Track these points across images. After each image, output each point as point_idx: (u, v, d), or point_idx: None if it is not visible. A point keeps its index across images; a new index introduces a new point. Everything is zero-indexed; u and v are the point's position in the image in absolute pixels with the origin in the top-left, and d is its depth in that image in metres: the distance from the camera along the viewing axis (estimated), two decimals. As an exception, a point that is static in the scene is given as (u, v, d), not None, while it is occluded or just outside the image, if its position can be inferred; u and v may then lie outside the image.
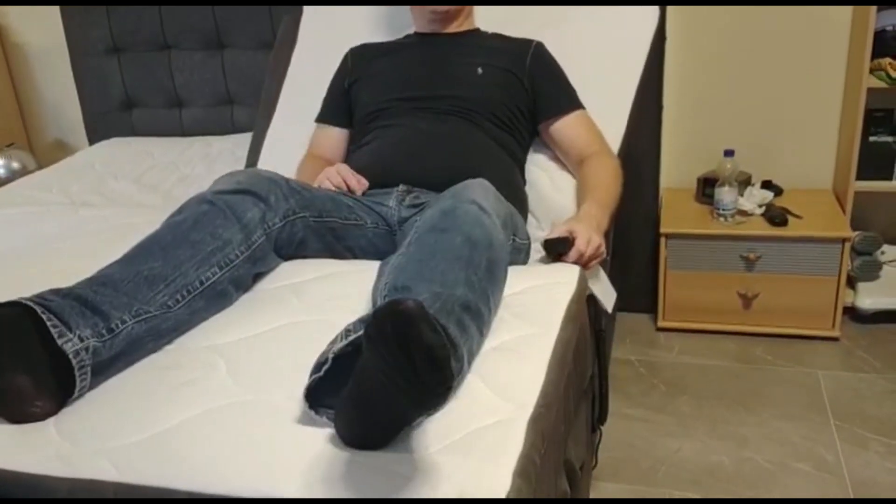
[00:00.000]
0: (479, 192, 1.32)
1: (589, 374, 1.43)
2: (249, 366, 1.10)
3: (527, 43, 1.85)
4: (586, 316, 1.40)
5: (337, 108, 1.92)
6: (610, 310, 1.59)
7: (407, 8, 1.97)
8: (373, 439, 0.92)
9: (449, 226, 1.21)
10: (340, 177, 1.65)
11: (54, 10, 2.74)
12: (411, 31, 1.96)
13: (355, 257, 1.55)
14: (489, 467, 0.88)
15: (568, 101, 1.80)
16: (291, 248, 1.44)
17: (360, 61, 1.91)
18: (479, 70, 1.78)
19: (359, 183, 1.66)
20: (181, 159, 2.54)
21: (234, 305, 1.28)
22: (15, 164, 2.92)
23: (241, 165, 2.38)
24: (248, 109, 2.69)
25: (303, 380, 1.02)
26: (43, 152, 3.10)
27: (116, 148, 2.68)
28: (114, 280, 1.15)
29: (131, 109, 2.79)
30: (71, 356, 1.02)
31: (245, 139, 2.66)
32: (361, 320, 0.99)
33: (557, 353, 1.13)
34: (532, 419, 0.97)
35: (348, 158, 1.84)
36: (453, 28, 1.87)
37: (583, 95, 1.82)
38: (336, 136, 1.92)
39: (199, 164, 2.48)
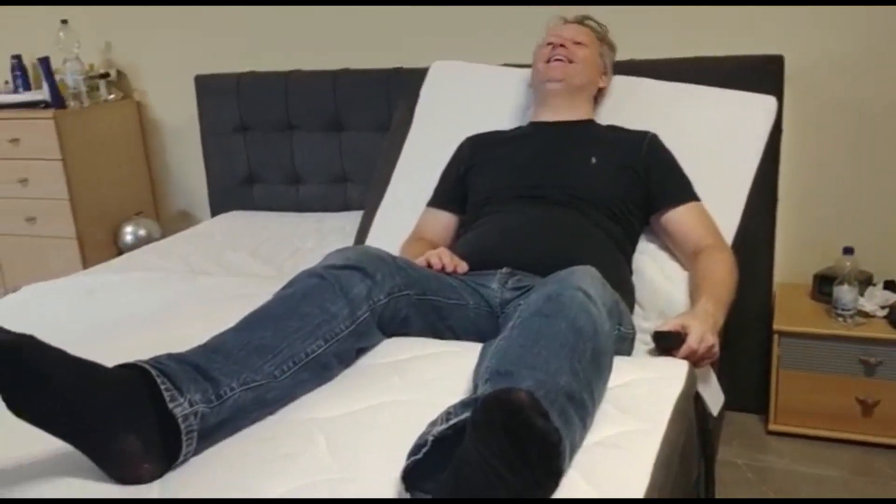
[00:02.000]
0: (585, 278, 1.30)
1: (694, 476, 1.37)
2: (348, 442, 1.10)
3: (642, 135, 1.85)
4: (693, 415, 1.34)
5: (450, 194, 1.96)
6: (716, 413, 1.52)
7: (521, 95, 2.02)
8: (469, 527, 0.89)
9: (554, 311, 1.19)
10: (440, 259, 1.66)
11: (190, 92, 2.94)
12: (525, 122, 2.00)
13: (456, 337, 1.55)
14: (588, 569, 0.84)
15: (683, 192, 1.78)
16: (394, 326, 1.46)
17: (476, 149, 1.96)
18: (594, 160, 1.79)
19: (457, 267, 1.67)
20: (295, 234, 2.63)
21: (337, 379, 1.30)
22: (142, 232, 3.10)
23: (350, 242, 2.44)
24: (361, 188, 2.78)
25: (400, 460, 1.01)
26: (167, 222, 3.28)
27: (236, 220, 2.81)
28: (226, 348, 1.19)
29: (253, 184, 2.93)
30: (180, 420, 1.05)
31: (356, 216, 2.74)
32: (464, 404, 0.99)
33: (664, 454, 1.08)
34: (635, 522, 0.93)
35: (457, 242, 1.86)
36: (570, 115, 1.89)
37: (697, 186, 1.80)
38: (444, 221, 1.96)
39: (311, 239, 2.56)
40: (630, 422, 1.14)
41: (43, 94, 2.95)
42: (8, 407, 0.99)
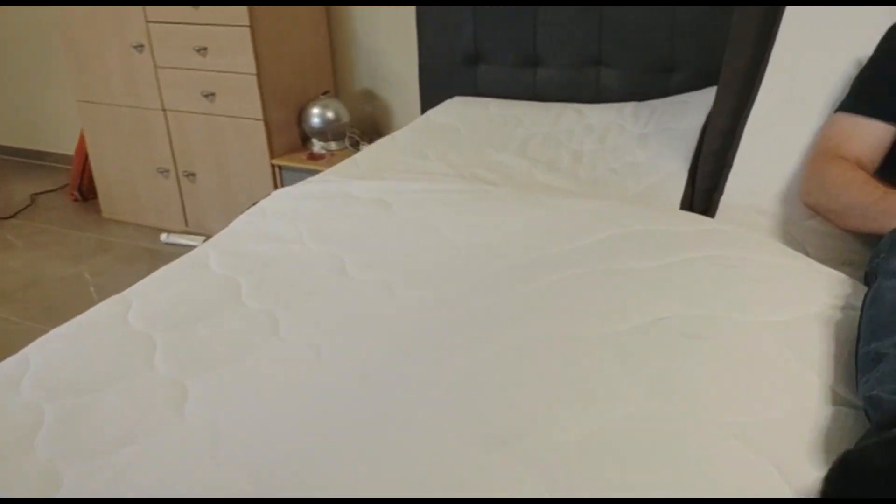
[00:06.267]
0: None
1: None
2: None
3: None
4: None
5: (886, 97, 1.50)
6: None
7: None
8: None
9: None
10: None
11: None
12: None
13: None
14: None
15: None
16: None
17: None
18: None
19: None
20: (559, 131, 2.16)
21: None
22: (330, 115, 2.62)
23: (645, 145, 1.99)
24: (621, 73, 2.30)
25: None
26: (350, 101, 2.78)
27: (468, 109, 2.33)
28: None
29: (477, 65, 2.43)
30: None
31: (624, 110, 2.27)
32: None
33: None
34: None
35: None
36: None
37: None
38: (878, 134, 1.50)
39: (587, 139, 2.09)
40: None
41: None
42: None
